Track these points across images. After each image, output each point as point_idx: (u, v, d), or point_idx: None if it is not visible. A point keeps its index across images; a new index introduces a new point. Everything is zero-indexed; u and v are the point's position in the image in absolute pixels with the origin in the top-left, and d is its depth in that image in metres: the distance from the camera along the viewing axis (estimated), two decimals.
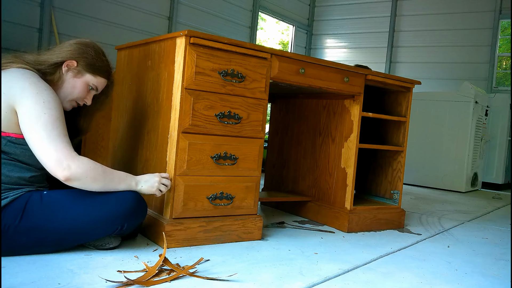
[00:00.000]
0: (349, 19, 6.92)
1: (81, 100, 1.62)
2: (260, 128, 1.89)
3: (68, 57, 1.55)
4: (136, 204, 1.54)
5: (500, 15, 5.70)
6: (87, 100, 1.63)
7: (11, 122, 1.40)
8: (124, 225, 1.52)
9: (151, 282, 1.29)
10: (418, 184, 4.94)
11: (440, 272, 1.71)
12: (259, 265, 1.57)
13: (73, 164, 1.38)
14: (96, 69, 1.60)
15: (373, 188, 2.65)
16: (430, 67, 6.15)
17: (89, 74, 1.59)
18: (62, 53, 1.56)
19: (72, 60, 1.56)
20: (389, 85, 2.42)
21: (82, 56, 1.57)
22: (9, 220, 1.37)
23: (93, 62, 1.59)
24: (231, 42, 1.75)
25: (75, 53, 1.56)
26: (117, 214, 1.49)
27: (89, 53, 1.58)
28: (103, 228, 1.49)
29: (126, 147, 2.06)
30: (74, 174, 1.39)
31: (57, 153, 1.37)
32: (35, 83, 1.42)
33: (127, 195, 1.53)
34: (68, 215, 1.44)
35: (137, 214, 1.56)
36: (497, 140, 5.21)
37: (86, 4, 4.22)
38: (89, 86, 1.61)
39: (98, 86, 1.63)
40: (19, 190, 1.43)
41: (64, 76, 1.56)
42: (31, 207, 1.41)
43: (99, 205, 1.48)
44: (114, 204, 1.49)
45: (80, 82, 1.58)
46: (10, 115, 1.39)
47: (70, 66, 1.56)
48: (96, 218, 1.47)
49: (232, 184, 1.83)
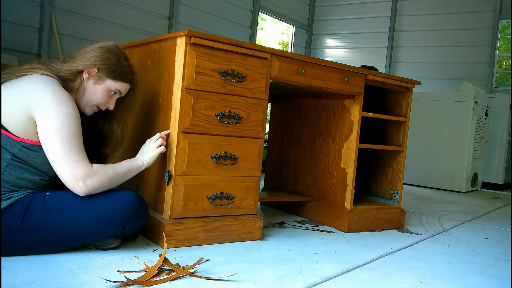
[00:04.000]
0: (349, 19, 6.93)
1: (103, 105, 1.63)
2: (260, 128, 1.89)
3: (89, 64, 1.57)
4: (138, 206, 1.55)
5: (500, 15, 5.70)
6: (110, 105, 1.64)
7: (29, 131, 1.41)
8: (125, 227, 1.53)
9: (151, 282, 1.29)
10: (418, 184, 4.94)
11: (440, 272, 1.71)
12: (259, 265, 1.57)
13: (89, 180, 1.44)
14: (117, 75, 1.61)
15: (373, 188, 2.65)
16: (430, 67, 6.15)
17: (110, 80, 1.60)
18: (84, 60, 1.57)
19: (93, 67, 1.57)
20: (389, 85, 2.42)
21: (103, 63, 1.58)
22: (11, 221, 1.38)
23: (114, 68, 1.60)
24: (231, 42, 1.75)
25: (96, 61, 1.57)
26: (118, 216, 1.50)
27: (110, 60, 1.59)
28: (104, 230, 1.50)
29: (126, 147, 2.06)
30: (90, 189, 1.46)
31: (74, 171, 1.42)
32: (56, 93, 1.43)
33: (128, 197, 1.53)
34: (70, 216, 1.45)
35: (139, 216, 1.56)
36: (497, 140, 5.20)
37: (86, 4, 4.22)
38: (111, 91, 1.62)
39: (121, 90, 1.64)
40: (24, 191, 1.44)
41: (85, 83, 1.57)
42: (34, 208, 1.41)
43: (101, 207, 1.48)
44: (116, 206, 1.50)
45: (101, 88, 1.59)
46: (28, 124, 1.40)
47: (91, 73, 1.57)
48: (98, 220, 1.47)
49: (232, 184, 1.83)
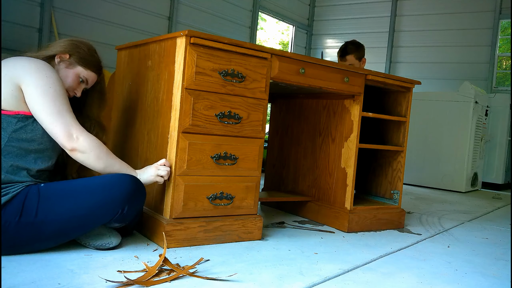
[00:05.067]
0: (349, 19, 6.92)
1: (71, 90, 1.67)
2: (260, 128, 1.89)
3: (62, 51, 1.65)
4: (135, 185, 1.56)
5: (500, 15, 5.69)
6: (77, 92, 1.69)
7: (19, 100, 1.46)
8: (124, 208, 1.52)
9: (151, 282, 1.29)
10: (418, 184, 4.94)
11: (440, 272, 1.71)
12: (259, 265, 1.57)
13: (81, 137, 1.49)
14: (88, 63, 1.68)
15: (373, 188, 2.65)
16: (430, 67, 6.15)
17: (80, 67, 1.67)
18: (57, 47, 1.66)
19: (65, 53, 1.65)
20: (389, 85, 2.42)
21: (75, 50, 1.67)
22: (10, 217, 1.38)
23: (85, 56, 1.68)
24: (231, 42, 1.75)
25: (69, 48, 1.66)
26: (116, 197, 1.50)
27: (81, 48, 1.68)
28: (103, 212, 1.50)
29: (126, 147, 2.06)
30: (80, 146, 1.49)
31: (67, 126, 1.48)
32: (35, 61, 1.51)
33: (125, 177, 1.55)
34: (67, 204, 1.45)
35: (137, 195, 1.57)
36: (497, 140, 5.20)
37: (86, 4, 4.22)
38: (80, 78, 1.67)
39: (88, 79, 1.70)
40: (21, 184, 1.44)
41: (56, 66, 1.64)
42: (30, 201, 1.41)
43: (97, 190, 1.49)
44: (113, 186, 1.51)
45: (72, 73, 1.66)
46: (16, 93, 1.45)
47: (63, 58, 1.65)
48: (95, 203, 1.48)
49: (232, 184, 1.83)
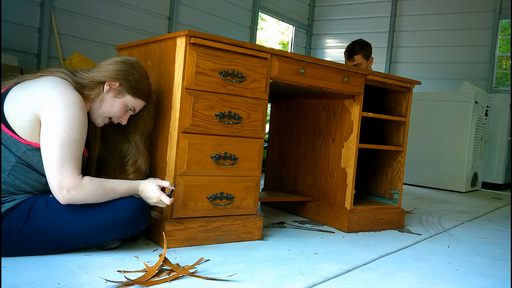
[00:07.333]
0: (349, 19, 6.92)
1: (116, 119, 1.62)
2: (260, 128, 1.89)
3: (112, 77, 1.56)
4: (141, 211, 1.53)
5: (500, 15, 5.69)
6: (123, 120, 1.64)
7: (35, 133, 1.39)
8: (127, 232, 1.52)
9: (151, 282, 1.29)
10: (418, 184, 4.94)
11: (440, 272, 1.71)
12: (259, 265, 1.57)
13: (73, 191, 1.39)
14: (137, 92, 1.61)
15: (373, 188, 2.65)
16: (430, 67, 6.15)
17: (129, 96, 1.59)
18: (108, 72, 1.56)
19: (115, 81, 1.56)
20: (389, 85, 2.42)
21: (126, 78, 1.57)
22: (14, 223, 1.37)
23: (135, 85, 1.59)
24: (231, 42, 1.75)
25: (120, 74, 1.56)
26: (121, 221, 1.48)
27: (133, 76, 1.59)
28: (107, 234, 1.49)
29: None
30: (73, 200, 1.41)
31: (62, 178, 1.37)
32: (66, 94, 1.41)
33: (131, 202, 1.52)
34: (72, 220, 1.44)
35: (141, 221, 1.55)
36: (497, 140, 5.20)
37: (86, 4, 4.22)
38: (127, 107, 1.61)
39: (136, 107, 1.64)
40: (28, 194, 1.43)
41: (104, 94, 1.56)
42: (36, 210, 1.41)
43: (104, 212, 1.47)
44: (119, 211, 1.49)
45: (119, 102, 1.58)
46: (33, 124, 1.38)
47: (112, 86, 1.56)
48: (100, 224, 1.46)
49: (232, 184, 1.83)
